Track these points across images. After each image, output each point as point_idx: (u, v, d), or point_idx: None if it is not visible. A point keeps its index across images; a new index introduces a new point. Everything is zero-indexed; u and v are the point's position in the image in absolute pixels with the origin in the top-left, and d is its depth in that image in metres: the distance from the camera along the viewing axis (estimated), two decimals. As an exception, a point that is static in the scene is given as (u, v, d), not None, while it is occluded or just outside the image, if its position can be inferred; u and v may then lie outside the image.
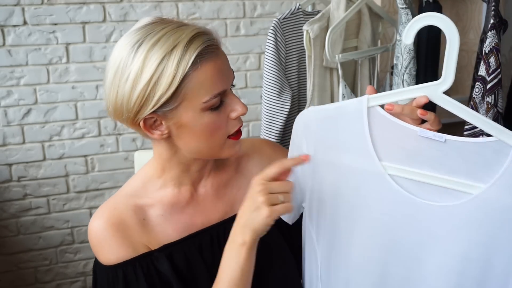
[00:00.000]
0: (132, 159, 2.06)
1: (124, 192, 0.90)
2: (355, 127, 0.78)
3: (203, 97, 0.78)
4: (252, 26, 2.11)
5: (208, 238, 0.90)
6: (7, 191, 1.98)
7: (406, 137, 0.75)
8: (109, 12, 1.94)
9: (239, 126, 0.85)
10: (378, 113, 0.77)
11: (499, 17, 1.10)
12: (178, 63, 0.75)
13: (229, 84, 0.82)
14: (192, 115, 0.79)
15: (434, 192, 0.75)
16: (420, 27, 0.73)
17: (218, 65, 0.79)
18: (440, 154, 0.74)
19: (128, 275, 0.83)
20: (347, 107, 0.79)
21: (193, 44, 0.76)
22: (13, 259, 2.04)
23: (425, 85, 0.74)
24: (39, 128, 1.96)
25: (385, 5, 1.70)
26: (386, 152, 0.77)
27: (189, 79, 0.76)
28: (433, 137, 0.73)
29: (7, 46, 1.86)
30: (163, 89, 0.75)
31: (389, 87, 1.52)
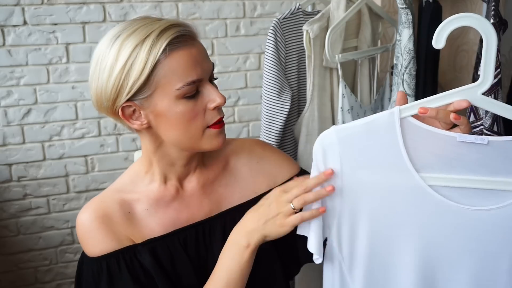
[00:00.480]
0: (132, 159, 2.06)
1: (113, 187, 0.93)
2: (388, 141, 0.74)
3: (175, 84, 0.80)
4: (252, 26, 2.11)
5: (193, 234, 0.91)
6: (7, 191, 1.98)
7: (444, 144, 0.72)
8: (109, 12, 1.94)
9: (219, 117, 0.85)
10: (411, 123, 0.74)
11: (499, 17, 1.10)
12: (149, 51, 0.78)
13: (204, 74, 0.83)
14: (167, 103, 0.81)
15: (479, 196, 0.73)
16: (454, 29, 0.70)
17: (191, 53, 0.80)
18: (482, 156, 0.72)
19: (111, 267, 0.85)
20: (377, 121, 0.75)
21: (165, 34, 0.79)
22: (13, 259, 2.04)
23: (462, 88, 0.72)
24: (39, 128, 1.96)
25: (385, 5, 1.70)
26: (424, 162, 0.74)
27: (161, 67, 0.78)
28: (475, 141, 0.71)
29: (7, 46, 1.86)
30: (135, 76, 0.78)
31: (389, 87, 1.52)
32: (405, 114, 0.74)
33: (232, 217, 0.94)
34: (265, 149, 1.03)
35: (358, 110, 1.39)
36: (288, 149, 1.49)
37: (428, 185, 0.74)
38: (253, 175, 0.98)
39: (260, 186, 0.97)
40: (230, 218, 0.94)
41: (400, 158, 0.74)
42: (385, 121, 0.74)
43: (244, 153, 1.00)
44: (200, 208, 0.93)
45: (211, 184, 0.95)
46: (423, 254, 0.77)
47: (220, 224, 0.93)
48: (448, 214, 0.74)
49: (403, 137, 0.74)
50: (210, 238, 0.92)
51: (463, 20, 0.69)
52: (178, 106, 0.81)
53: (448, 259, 0.76)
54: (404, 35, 1.31)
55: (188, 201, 0.93)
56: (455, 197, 0.73)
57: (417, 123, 0.74)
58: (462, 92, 0.72)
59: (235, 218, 0.93)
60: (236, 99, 2.16)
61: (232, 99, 2.15)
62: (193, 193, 0.93)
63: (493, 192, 0.72)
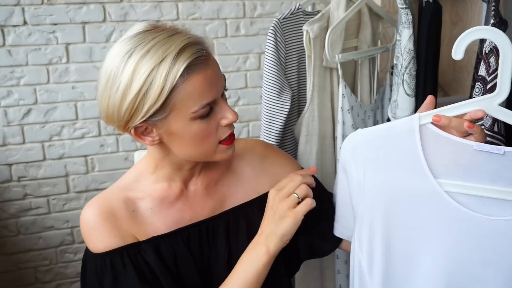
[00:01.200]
0: (132, 159, 2.06)
1: (117, 185, 0.93)
2: (408, 146, 0.77)
3: (191, 108, 0.79)
4: (252, 26, 2.11)
5: (197, 233, 0.92)
6: (7, 191, 1.98)
7: (462, 152, 0.74)
8: (109, 12, 1.94)
9: (230, 132, 0.86)
10: (430, 130, 0.76)
11: (499, 17, 1.10)
12: (166, 76, 0.75)
13: (219, 93, 0.83)
14: (181, 124, 0.80)
15: (494, 206, 0.73)
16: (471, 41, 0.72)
17: (207, 75, 0.80)
18: (498, 166, 0.72)
19: (115, 263, 0.86)
20: (398, 126, 0.78)
21: (182, 56, 0.76)
22: (13, 259, 2.04)
23: (479, 98, 0.74)
24: (39, 128, 1.96)
25: (385, 5, 1.70)
26: (441, 169, 0.75)
27: (177, 91, 0.77)
28: (491, 150, 0.72)
29: (7, 46, 1.86)
30: (151, 101, 0.76)
31: (389, 87, 1.52)
32: (424, 121, 0.76)
33: (235, 216, 0.95)
34: (268, 150, 1.04)
35: (358, 110, 1.39)
36: (288, 149, 1.49)
37: (445, 190, 0.75)
38: (256, 175, 0.99)
39: (263, 186, 0.98)
40: (233, 217, 0.95)
41: (419, 163, 0.76)
42: (405, 127, 0.77)
43: (247, 153, 1.01)
44: (203, 208, 0.94)
45: (215, 184, 0.96)
46: (443, 259, 0.77)
47: (224, 223, 0.94)
48: (464, 222, 0.74)
49: (422, 143, 0.76)
50: (213, 237, 0.93)
51: (481, 33, 0.72)
52: (193, 126, 0.81)
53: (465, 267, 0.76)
54: (404, 35, 1.31)
55: (191, 202, 0.93)
56: (471, 205, 0.74)
57: (436, 130, 0.76)
58: (480, 102, 0.74)
59: (238, 217, 0.94)
60: (236, 99, 2.16)
61: (232, 99, 2.15)
62: (197, 194, 0.94)
63: (510, 202, 0.73)
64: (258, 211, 0.95)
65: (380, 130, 0.80)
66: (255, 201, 0.97)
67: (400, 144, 0.78)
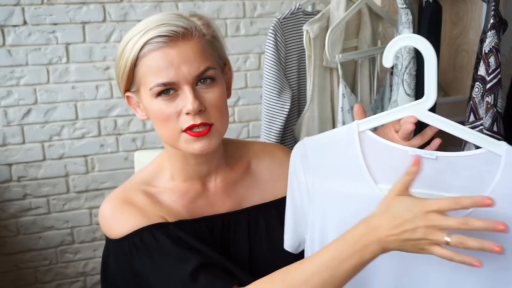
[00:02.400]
0: (132, 159, 2.06)
1: (136, 179, 0.94)
2: (349, 153, 0.79)
3: (150, 83, 0.81)
4: (252, 26, 2.11)
5: (220, 224, 0.92)
6: (7, 191, 1.98)
7: (399, 158, 0.76)
8: (109, 12, 1.94)
9: (191, 124, 0.82)
10: (368, 137, 0.79)
11: (499, 17, 1.10)
12: (132, 48, 0.81)
13: (180, 78, 0.81)
14: (148, 100, 0.84)
15: None
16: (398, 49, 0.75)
17: (168, 55, 0.80)
18: (434, 171, 0.74)
19: (146, 240, 0.83)
20: (339, 134, 0.81)
21: (148, 33, 0.80)
22: (13, 259, 2.04)
23: (409, 105, 0.76)
24: (39, 128, 1.96)
25: (385, 5, 1.70)
26: (381, 174, 0.78)
27: (141, 65, 0.82)
28: (424, 155, 0.74)
29: (7, 46, 1.86)
30: (122, 70, 0.84)
31: (389, 87, 1.52)
32: (363, 128, 0.79)
33: (256, 215, 0.95)
34: (288, 155, 1.03)
35: (358, 110, 1.39)
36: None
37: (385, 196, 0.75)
38: (274, 179, 0.99)
39: (280, 190, 0.98)
40: (254, 215, 0.95)
41: (360, 169, 0.79)
42: (345, 135, 0.80)
43: (266, 157, 1.01)
44: (222, 205, 0.95)
45: (234, 184, 0.97)
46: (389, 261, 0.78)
47: (245, 219, 0.94)
48: None
49: (362, 150, 0.78)
50: (234, 231, 0.93)
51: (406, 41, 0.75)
52: (154, 104, 0.83)
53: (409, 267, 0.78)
54: (404, 35, 1.31)
55: (211, 199, 0.94)
56: None
57: (375, 137, 0.78)
58: (410, 108, 0.76)
59: (258, 217, 0.95)
60: (236, 99, 2.16)
61: (232, 99, 2.15)
62: (216, 192, 0.95)
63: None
64: (277, 213, 0.96)
65: (324, 137, 0.83)
66: (273, 203, 0.97)
67: (343, 152, 0.80)
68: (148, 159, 1.01)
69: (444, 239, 0.64)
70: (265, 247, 0.92)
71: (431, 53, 0.73)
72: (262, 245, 0.93)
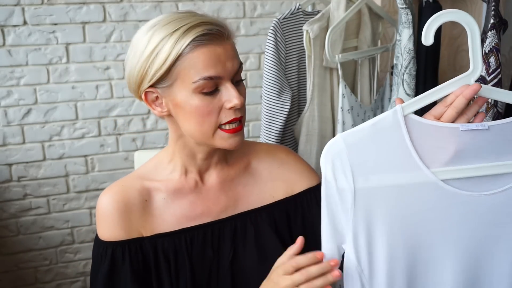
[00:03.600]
0: (132, 159, 2.06)
1: (136, 173, 0.97)
2: (395, 141, 0.74)
3: (193, 77, 0.82)
4: (252, 26, 2.11)
5: (201, 235, 0.92)
6: (7, 191, 1.98)
7: (449, 136, 0.74)
8: (109, 12, 1.94)
9: (233, 118, 0.85)
10: (414, 120, 0.75)
11: (499, 17, 1.10)
12: (174, 43, 0.81)
13: (225, 73, 0.84)
14: (184, 95, 0.83)
15: (488, 182, 0.75)
16: (439, 25, 0.73)
17: (215, 51, 0.82)
18: (485, 142, 0.74)
19: (115, 254, 0.89)
20: (382, 122, 0.75)
21: (194, 30, 0.81)
22: (13, 259, 2.04)
23: (456, 79, 0.75)
24: (39, 128, 1.96)
25: (385, 5, 1.70)
26: (432, 158, 0.74)
27: (182, 60, 0.82)
28: (476, 128, 0.73)
29: (7, 46, 1.86)
30: (158, 65, 0.82)
31: (389, 87, 1.52)
32: (407, 111, 0.75)
33: (243, 223, 0.95)
34: (289, 156, 1.04)
35: (358, 110, 1.39)
36: (288, 149, 1.49)
37: (441, 179, 0.75)
38: (272, 179, 0.99)
39: (278, 190, 0.98)
40: (241, 223, 0.95)
41: (410, 156, 0.74)
42: (389, 121, 0.74)
43: (267, 156, 1.01)
44: (216, 202, 0.95)
45: (231, 181, 0.97)
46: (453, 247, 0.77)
47: (230, 228, 0.94)
48: (464, 204, 0.75)
49: (410, 135, 0.74)
50: (218, 241, 0.93)
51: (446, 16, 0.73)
52: (194, 99, 0.83)
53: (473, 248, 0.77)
54: (404, 35, 1.31)
55: (205, 195, 0.95)
56: (468, 187, 0.75)
57: (420, 120, 0.75)
58: (457, 82, 0.75)
59: (246, 224, 0.95)
60: (236, 99, 2.15)
61: (232, 99, 2.14)
62: (212, 187, 0.95)
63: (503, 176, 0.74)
64: (268, 218, 0.96)
65: (364, 129, 0.75)
66: (265, 207, 0.97)
67: (387, 141, 0.74)
68: (148, 159, 1.01)
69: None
70: (253, 254, 0.92)
71: (474, 26, 0.72)
72: (250, 252, 0.93)
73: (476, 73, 0.74)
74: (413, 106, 0.75)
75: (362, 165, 0.76)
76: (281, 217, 0.97)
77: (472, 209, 0.75)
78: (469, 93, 0.74)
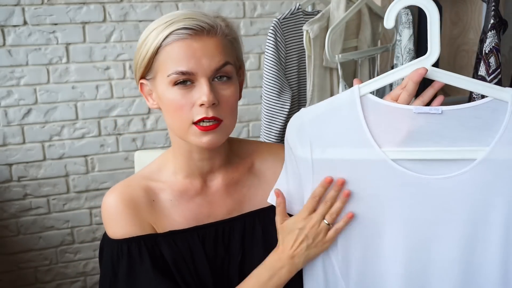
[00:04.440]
0: (132, 159, 2.06)
1: (141, 173, 0.96)
2: (350, 118, 0.78)
3: (168, 70, 0.83)
4: (252, 26, 2.11)
5: (213, 232, 0.92)
6: (7, 191, 1.98)
7: (403, 118, 0.75)
8: (109, 12, 1.94)
9: (203, 117, 0.83)
10: (370, 100, 0.77)
11: (499, 17, 1.10)
12: (156, 36, 0.83)
13: (200, 69, 0.82)
14: (163, 88, 0.85)
15: (440, 166, 0.75)
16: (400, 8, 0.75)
17: (191, 46, 0.82)
18: (440, 126, 0.74)
19: (132, 251, 0.87)
20: (339, 100, 0.79)
21: (175, 24, 0.83)
22: (13, 259, 2.04)
23: (412, 62, 0.76)
24: (39, 128, 1.96)
25: (385, 5, 1.70)
26: (385, 137, 0.76)
27: (161, 53, 0.83)
28: (430, 111, 0.74)
29: (7, 46, 1.86)
30: (142, 57, 0.86)
31: (389, 87, 1.52)
32: (364, 91, 0.78)
33: (252, 221, 0.95)
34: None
35: (358, 110, 1.39)
36: (288, 149, 1.49)
37: (391, 158, 0.76)
38: (276, 179, 0.98)
39: None
40: (250, 221, 0.95)
41: (363, 134, 0.77)
42: (346, 100, 0.78)
43: (270, 156, 1.01)
44: (222, 206, 0.95)
45: (235, 184, 0.96)
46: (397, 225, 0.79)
47: (240, 226, 0.94)
48: (413, 186, 0.76)
49: (364, 114, 0.77)
50: (229, 238, 0.93)
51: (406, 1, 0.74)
52: (170, 92, 0.84)
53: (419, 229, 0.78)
54: (404, 35, 1.31)
55: (211, 198, 0.94)
56: (418, 169, 0.76)
57: (377, 100, 0.77)
58: (413, 65, 0.76)
59: (254, 222, 0.95)
60: (236, 99, 2.16)
61: (232, 99, 2.14)
62: (217, 191, 0.95)
63: (454, 161, 0.74)
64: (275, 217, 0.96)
65: (321, 106, 0.81)
66: (273, 207, 0.96)
67: (343, 118, 0.78)
68: (148, 159, 1.01)
69: (325, 225, 0.83)
70: (260, 254, 0.91)
71: (434, 10, 0.73)
72: (258, 251, 0.93)
73: (433, 57, 0.75)
74: (369, 87, 0.78)
75: (320, 138, 0.80)
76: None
77: (422, 191, 0.76)
78: (415, 77, 0.76)
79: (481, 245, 0.76)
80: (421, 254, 0.79)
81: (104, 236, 0.92)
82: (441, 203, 0.76)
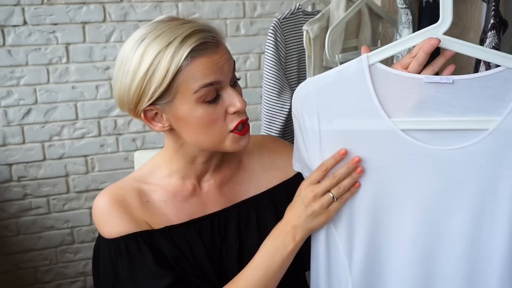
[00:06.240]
0: (132, 159, 2.06)
1: (132, 176, 0.94)
2: (359, 88, 0.75)
3: (193, 87, 0.80)
4: (252, 26, 2.11)
5: (209, 225, 0.92)
6: (7, 191, 1.98)
7: (413, 87, 0.73)
8: (109, 12, 1.94)
9: (239, 121, 0.84)
10: (380, 69, 0.74)
11: (499, 17, 1.10)
12: (171, 58, 0.78)
13: (225, 77, 0.82)
14: (187, 108, 0.81)
15: (450, 136, 0.73)
16: None
17: (212, 59, 0.80)
18: (450, 96, 0.72)
19: (130, 248, 0.85)
20: (347, 69, 0.76)
21: (189, 40, 0.79)
22: (13, 259, 2.04)
23: (423, 30, 0.73)
24: (39, 128, 1.96)
25: (385, 5, 1.70)
26: (394, 107, 0.74)
27: (181, 73, 0.79)
28: (440, 81, 0.72)
29: (7, 46, 1.86)
30: (157, 83, 0.79)
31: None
32: (373, 60, 0.75)
33: (246, 209, 0.95)
34: (276, 143, 1.04)
35: (358, 110, 1.39)
36: (288, 149, 1.50)
37: (400, 129, 0.74)
38: (266, 170, 1.00)
39: (273, 180, 0.99)
40: (244, 210, 0.95)
41: (372, 104, 0.74)
42: (354, 69, 0.75)
43: (255, 148, 1.01)
44: (216, 205, 0.95)
45: (228, 182, 0.97)
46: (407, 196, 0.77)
47: (235, 216, 0.94)
48: (422, 156, 0.75)
49: (373, 83, 0.74)
50: (224, 229, 0.93)
51: None
52: (198, 110, 0.81)
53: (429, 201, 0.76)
54: (404, 35, 1.31)
55: (204, 198, 0.94)
56: (428, 139, 0.74)
57: (386, 69, 0.74)
58: (425, 33, 0.73)
59: (249, 210, 0.95)
60: (236, 99, 2.16)
61: (232, 99, 2.15)
62: (210, 192, 0.95)
63: (464, 131, 0.73)
64: (269, 204, 0.96)
65: (330, 75, 0.77)
66: (265, 193, 0.97)
67: (352, 87, 0.75)
68: (147, 159, 1.01)
69: (330, 197, 0.80)
70: (255, 242, 0.91)
71: None
72: (254, 239, 0.93)
73: (445, 25, 0.72)
74: (378, 56, 0.75)
75: (327, 108, 0.78)
76: (281, 200, 0.97)
77: (431, 162, 0.74)
78: (427, 47, 0.73)
79: (489, 218, 0.74)
80: (429, 227, 0.77)
81: (98, 238, 0.90)
82: (450, 174, 0.74)
